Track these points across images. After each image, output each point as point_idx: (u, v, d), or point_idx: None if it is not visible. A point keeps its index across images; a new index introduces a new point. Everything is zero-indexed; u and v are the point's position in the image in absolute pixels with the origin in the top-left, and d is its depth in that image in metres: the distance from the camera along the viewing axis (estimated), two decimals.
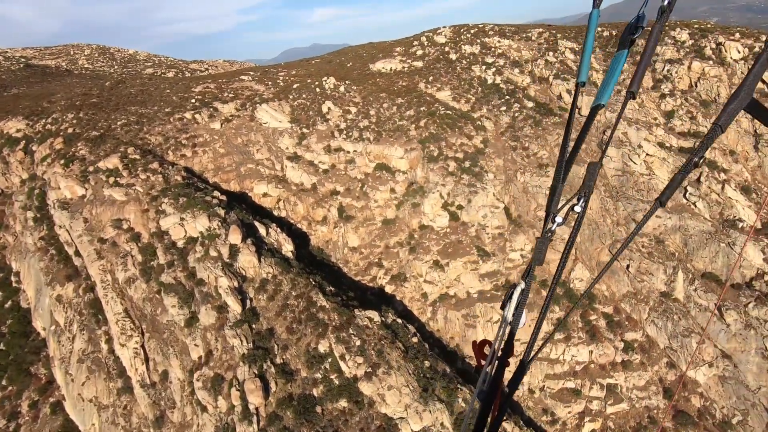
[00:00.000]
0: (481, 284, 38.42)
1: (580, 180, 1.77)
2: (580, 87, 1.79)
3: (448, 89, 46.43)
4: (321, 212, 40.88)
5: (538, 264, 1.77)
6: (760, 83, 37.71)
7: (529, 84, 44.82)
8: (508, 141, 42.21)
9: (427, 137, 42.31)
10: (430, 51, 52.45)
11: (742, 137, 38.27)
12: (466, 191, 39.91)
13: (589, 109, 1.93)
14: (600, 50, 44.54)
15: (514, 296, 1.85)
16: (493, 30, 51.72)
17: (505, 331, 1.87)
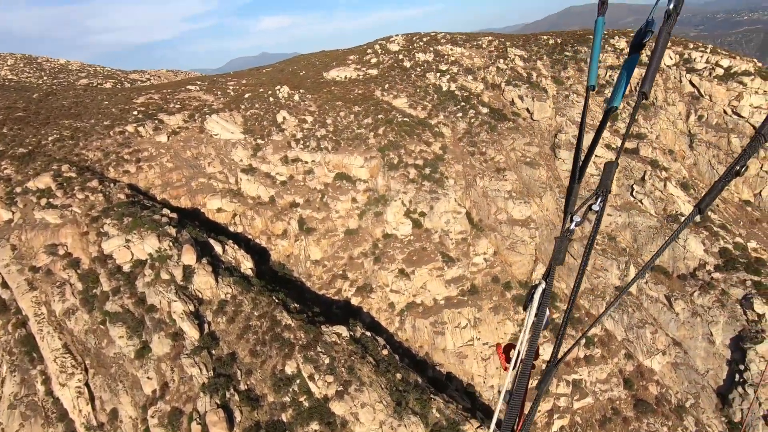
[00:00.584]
0: (447, 290, 38.36)
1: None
2: (591, 91, 1.77)
3: (404, 96, 46.47)
4: (280, 226, 39.30)
5: (558, 264, 1.74)
6: None
7: (482, 90, 45.79)
8: (466, 146, 42.74)
9: (387, 145, 41.98)
10: (384, 59, 52.43)
11: (679, 137, 40.99)
12: (428, 198, 39.86)
13: (603, 111, 2.09)
14: (547, 57, 46.37)
15: (536, 297, 1.83)
16: (444, 38, 52.58)
17: (527, 333, 1.81)
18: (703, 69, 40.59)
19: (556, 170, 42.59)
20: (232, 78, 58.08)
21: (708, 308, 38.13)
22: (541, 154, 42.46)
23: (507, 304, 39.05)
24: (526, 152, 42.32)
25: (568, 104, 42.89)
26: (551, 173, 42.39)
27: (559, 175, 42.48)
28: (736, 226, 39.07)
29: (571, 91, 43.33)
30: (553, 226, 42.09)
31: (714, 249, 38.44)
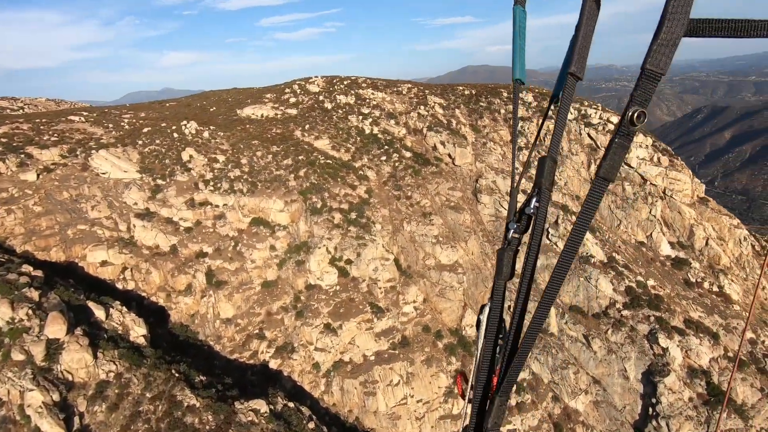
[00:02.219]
0: (377, 344, 35.42)
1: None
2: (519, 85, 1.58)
3: (326, 138, 44.59)
4: (184, 280, 33.57)
5: (504, 279, 1.55)
6: None
7: (405, 135, 45.81)
8: (392, 190, 41.65)
9: (309, 188, 39.16)
10: (304, 99, 50.55)
11: (583, 184, 44.40)
12: (354, 244, 37.38)
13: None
14: (464, 106, 48.36)
15: (483, 318, 1.63)
16: (365, 82, 52.63)
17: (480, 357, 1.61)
18: (597, 124, 45.13)
19: (479, 214, 43.23)
20: (127, 110, 51.44)
21: (621, 345, 40.23)
22: (464, 199, 42.89)
23: (439, 354, 37.18)
24: (450, 197, 42.46)
25: (486, 151, 44.48)
26: (474, 217, 42.87)
27: (482, 220, 43.12)
28: (636, 265, 42.51)
29: (488, 139, 45.16)
30: (478, 270, 42.06)
31: (621, 288, 41.16)
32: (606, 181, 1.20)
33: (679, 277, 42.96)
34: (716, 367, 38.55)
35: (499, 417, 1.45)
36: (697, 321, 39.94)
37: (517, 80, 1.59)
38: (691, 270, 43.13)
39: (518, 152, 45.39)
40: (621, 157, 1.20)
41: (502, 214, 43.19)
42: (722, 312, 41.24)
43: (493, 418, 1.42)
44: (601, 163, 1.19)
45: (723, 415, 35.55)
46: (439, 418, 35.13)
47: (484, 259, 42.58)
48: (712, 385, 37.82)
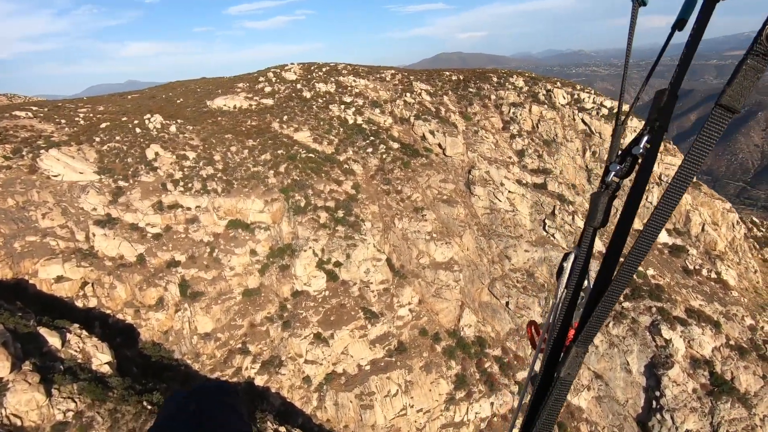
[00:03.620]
0: (372, 352, 32.81)
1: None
2: (638, 5, 1.31)
3: (306, 129, 41.16)
4: (154, 293, 29.95)
5: (599, 225, 1.41)
6: None
7: (391, 125, 42.83)
8: (380, 185, 38.76)
9: (291, 185, 35.85)
10: (280, 88, 46.75)
11: (578, 172, 42.60)
12: (343, 245, 34.43)
13: None
14: (452, 93, 45.64)
15: (567, 265, 1.53)
16: (346, 69, 49.16)
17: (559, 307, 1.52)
18: (591, 108, 43.26)
19: (473, 207, 40.89)
20: (84, 104, 46.47)
21: (623, 338, 38.95)
22: (456, 191, 40.42)
23: (438, 359, 34.88)
24: (442, 189, 39.90)
25: (477, 140, 42.01)
26: (468, 210, 40.50)
27: (476, 213, 40.80)
28: None
29: (479, 127, 42.68)
30: (474, 266, 39.85)
31: None
32: (729, 111, 0.97)
33: (678, 264, 41.94)
34: (719, 357, 37.78)
35: (574, 367, 1.32)
36: (698, 310, 39.03)
37: (639, 1, 1.32)
38: (689, 257, 42.16)
39: (511, 140, 43.14)
40: (752, 84, 0.97)
41: (497, 206, 41.01)
42: (721, 299, 40.51)
43: (567, 367, 1.31)
44: (725, 89, 0.97)
45: None
46: (441, 427, 32.94)
47: (480, 254, 40.37)
48: (716, 375, 37.00)
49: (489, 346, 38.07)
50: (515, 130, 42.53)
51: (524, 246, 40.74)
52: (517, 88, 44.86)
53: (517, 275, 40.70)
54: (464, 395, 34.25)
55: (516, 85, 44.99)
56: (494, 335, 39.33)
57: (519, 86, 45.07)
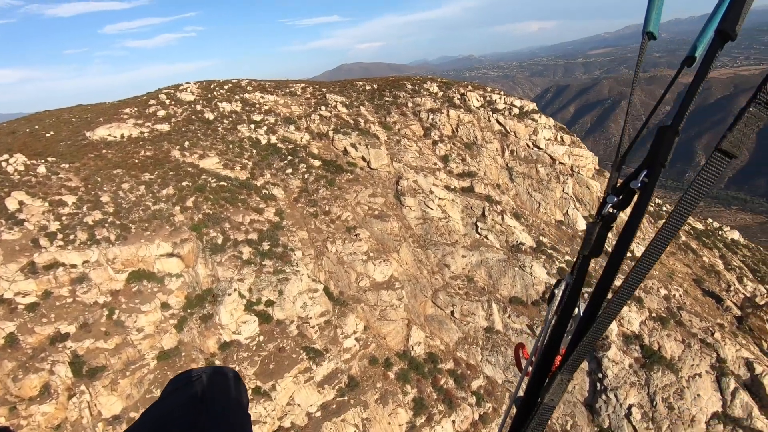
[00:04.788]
0: (321, 395, 29.40)
1: None
2: (648, 39, 1.41)
3: (214, 155, 36.54)
4: (35, 380, 23.58)
5: (593, 255, 1.43)
6: None
7: (309, 141, 39.85)
8: (306, 207, 35.57)
9: (202, 220, 31.18)
10: (176, 111, 41.27)
11: (501, 172, 43.35)
12: (273, 280, 30.63)
13: None
14: (369, 103, 43.98)
15: (558, 292, 1.57)
16: (251, 85, 45.08)
17: (548, 333, 1.55)
18: (504, 109, 44.40)
19: (405, 219, 39.42)
20: None
21: None
22: (387, 205, 38.65)
23: (393, 386, 32.51)
24: (372, 205, 37.84)
25: (401, 149, 40.75)
26: (401, 223, 38.93)
27: (410, 224, 39.38)
28: (561, 245, 42.77)
29: (401, 136, 41.48)
30: (415, 280, 38.32)
31: (553, 270, 40.91)
32: (727, 157, 1.00)
33: None
34: (645, 330, 40.54)
35: (558, 393, 1.30)
36: None
37: (648, 33, 1.38)
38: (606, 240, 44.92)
39: (434, 147, 42.58)
40: (752, 131, 1.00)
41: (429, 215, 40.01)
42: None
43: (551, 393, 1.29)
44: (726, 134, 1.01)
45: None
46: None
47: (419, 266, 38.97)
48: (645, 347, 39.55)
49: (441, 361, 36.67)
50: (436, 136, 42.05)
51: (461, 252, 40.21)
52: (432, 93, 44.61)
53: (458, 282, 39.99)
54: (425, 420, 32.27)
55: (431, 91, 44.73)
56: (444, 348, 38.07)
57: (434, 92, 44.87)
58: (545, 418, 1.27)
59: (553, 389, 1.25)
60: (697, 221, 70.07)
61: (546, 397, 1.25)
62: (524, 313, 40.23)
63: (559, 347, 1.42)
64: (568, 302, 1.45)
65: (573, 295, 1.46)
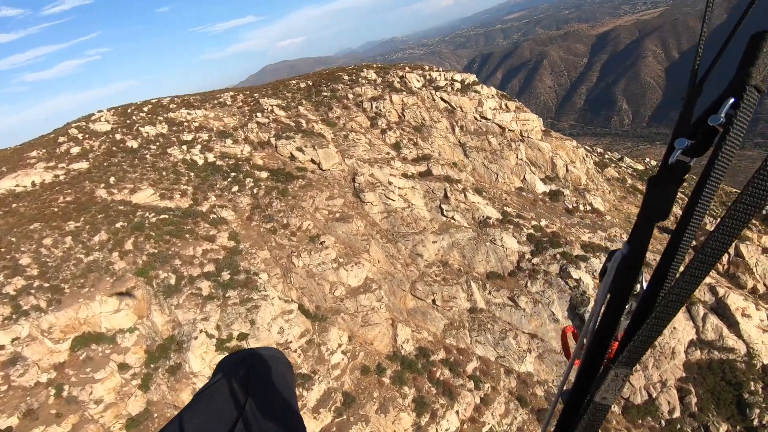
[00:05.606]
0: (319, 422, 27.41)
1: None
2: None
3: (147, 187, 32.73)
4: None
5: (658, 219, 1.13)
6: None
7: (251, 152, 36.78)
8: (262, 224, 32.84)
9: (148, 262, 27.74)
10: (93, 145, 36.58)
11: (455, 149, 42.50)
12: (242, 311, 27.94)
13: None
14: (307, 101, 41.30)
15: (611, 266, 1.27)
16: (174, 103, 40.87)
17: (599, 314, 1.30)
18: (445, 85, 43.36)
19: (369, 216, 37.65)
20: None
21: (542, 292, 40.27)
22: (347, 205, 36.66)
23: (390, 392, 31.06)
24: (332, 208, 35.70)
25: (350, 144, 38.69)
26: (365, 220, 37.14)
27: (374, 220, 37.68)
28: (525, 211, 42.83)
29: (347, 131, 39.36)
30: (391, 276, 36.84)
31: (523, 238, 40.90)
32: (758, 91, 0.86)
33: (560, 208, 45.12)
34: None
35: (613, 391, 1.10)
36: (590, 243, 42.48)
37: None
38: (566, 198, 45.69)
39: (383, 136, 40.82)
40: None
41: (392, 207, 38.46)
42: (601, 226, 44.87)
43: (604, 390, 1.09)
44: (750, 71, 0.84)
45: None
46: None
47: (392, 261, 37.49)
48: None
49: (432, 352, 35.66)
50: (384, 125, 40.30)
51: (431, 238, 39.12)
52: (371, 81, 42.67)
53: (433, 269, 38.96)
54: (429, 418, 31.17)
55: (369, 79, 42.75)
56: (432, 338, 37.07)
57: (372, 79, 42.93)
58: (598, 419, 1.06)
59: (607, 385, 1.05)
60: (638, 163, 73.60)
61: (597, 394, 1.05)
62: (503, 286, 40.01)
63: (613, 332, 1.18)
64: (624, 277, 1.18)
65: (631, 269, 1.18)
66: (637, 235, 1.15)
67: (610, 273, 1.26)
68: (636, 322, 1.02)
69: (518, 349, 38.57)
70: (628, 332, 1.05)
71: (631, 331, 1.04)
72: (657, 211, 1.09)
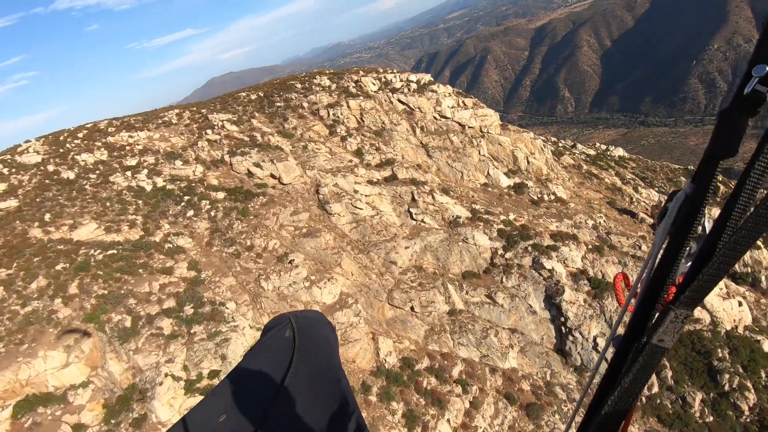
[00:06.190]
0: None
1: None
2: None
3: (89, 221, 29.62)
4: None
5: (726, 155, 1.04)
6: None
7: (204, 173, 34.29)
8: (224, 249, 30.57)
9: (97, 306, 24.92)
10: (22, 179, 32.77)
11: (417, 151, 41.79)
12: (211, 347, 25.66)
13: None
14: (260, 113, 39.14)
15: (673, 206, 1.20)
16: (112, 126, 37.47)
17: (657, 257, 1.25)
18: (402, 87, 42.62)
19: (337, 227, 36.16)
20: None
21: (518, 286, 40.25)
22: (313, 218, 34.98)
23: (379, 410, 29.69)
24: (297, 223, 33.91)
25: (310, 155, 37.03)
26: (334, 233, 35.60)
27: (343, 231, 36.22)
28: (493, 207, 42.78)
29: (306, 141, 37.66)
30: (366, 288, 35.48)
31: (494, 234, 40.79)
32: None
33: (525, 200, 45.48)
34: (588, 263, 42.48)
35: (672, 333, 1.08)
36: (558, 232, 43.02)
37: None
38: (530, 189, 46.14)
39: (343, 143, 39.42)
40: None
41: (360, 216, 37.12)
42: (567, 214, 45.62)
43: (662, 332, 1.07)
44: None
45: None
46: None
47: (366, 273, 36.13)
48: (592, 279, 41.40)
49: (416, 361, 34.61)
50: (343, 131, 38.90)
51: (403, 243, 38.12)
52: (326, 87, 41.12)
53: (408, 276, 37.97)
54: (421, 431, 30.08)
55: (323, 85, 41.18)
56: (414, 347, 36.03)
57: (326, 85, 41.39)
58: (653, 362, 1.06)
59: (665, 327, 1.04)
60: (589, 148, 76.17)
61: (655, 336, 1.05)
62: (480, 284, 39.68)
63: (671, 275, 1.15)
64: (687, 218, 1.14)
65: (694, 209, 1.13)
66: (702, 174, 1.09)
67: (671, 214, 1.18)
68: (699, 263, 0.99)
69: (500, 346, 38.27)
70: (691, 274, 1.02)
71: (693, 271, 1.00)
72: (725, 147, 1.02)
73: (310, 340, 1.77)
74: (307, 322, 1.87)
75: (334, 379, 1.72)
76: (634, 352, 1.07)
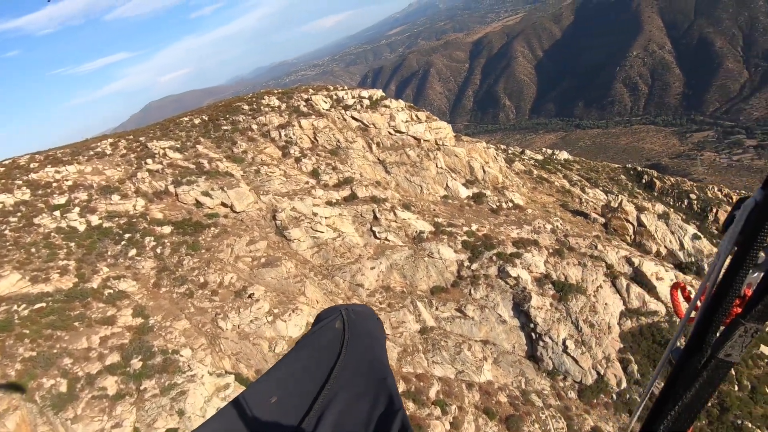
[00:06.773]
0: None
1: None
2: None
3: (10, 271, 25.86)
4: None
5: None
6: None
7: (146, 206, 31.30)
8: (173, 289, 27.78)
9: (25, 371, 21.48)
10: None
11: (375, 167, 40.89)
12: (165, 403, 22.81)
13: None
14: (205, 138, 36.62)
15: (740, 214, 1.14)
16: (35, 161, 33.44)
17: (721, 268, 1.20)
18: (354, 104, 41.75)
19: (298, 254, 34.25)
20: None
21: (486, 296, 40.00)
22: (272, 246, 32.90)
23: None
24: (255, 253, 31.70)
25: (264, 180, 35.05)
26: (295, 260, 33.66)
27: (305, 257, 34.36)
28: (455, 219, 42.57)
29: (258, 165, 35.65)
30: None
31: (458, 246, 40.46)
32: None
33: (485, 209, 45.71)
34: (550, 266, 43.09)
35: (740, 347, 1.05)
36: (519, 239, 43.46)
37: None
38: (488, 199, 46.49)
39: (298, 165, 37.74)
40: None
41: (321, 239, 35.42)
42: (526, 220, 46.33)
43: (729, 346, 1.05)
44: None
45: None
46: None
47: (332, 299, 34.29)
48: (556, 282, 42.01)
49: (406, 387, 33.12)
50: (297, 152, 37.25)
51: (368, 264, 36.76)
52: (275, 108, 39.35)
53: (377, 297, 36.59)
54: None
55: (272, 106, 39.39)
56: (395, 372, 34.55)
57: (276, 105, 39.63)
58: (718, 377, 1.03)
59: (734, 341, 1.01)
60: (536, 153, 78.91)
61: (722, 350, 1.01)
62: (449, 299, 39.05)
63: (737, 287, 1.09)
64: (755, 227, 1.07)
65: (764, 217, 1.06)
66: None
67: (739, 222, 1.12)
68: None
69: (474, 359, 37.61)
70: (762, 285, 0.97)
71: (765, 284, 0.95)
72: None
73: (359, 334, 1.81)
74: (357, 316, 1.91)
75: (381, 375, 1.71)
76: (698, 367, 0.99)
